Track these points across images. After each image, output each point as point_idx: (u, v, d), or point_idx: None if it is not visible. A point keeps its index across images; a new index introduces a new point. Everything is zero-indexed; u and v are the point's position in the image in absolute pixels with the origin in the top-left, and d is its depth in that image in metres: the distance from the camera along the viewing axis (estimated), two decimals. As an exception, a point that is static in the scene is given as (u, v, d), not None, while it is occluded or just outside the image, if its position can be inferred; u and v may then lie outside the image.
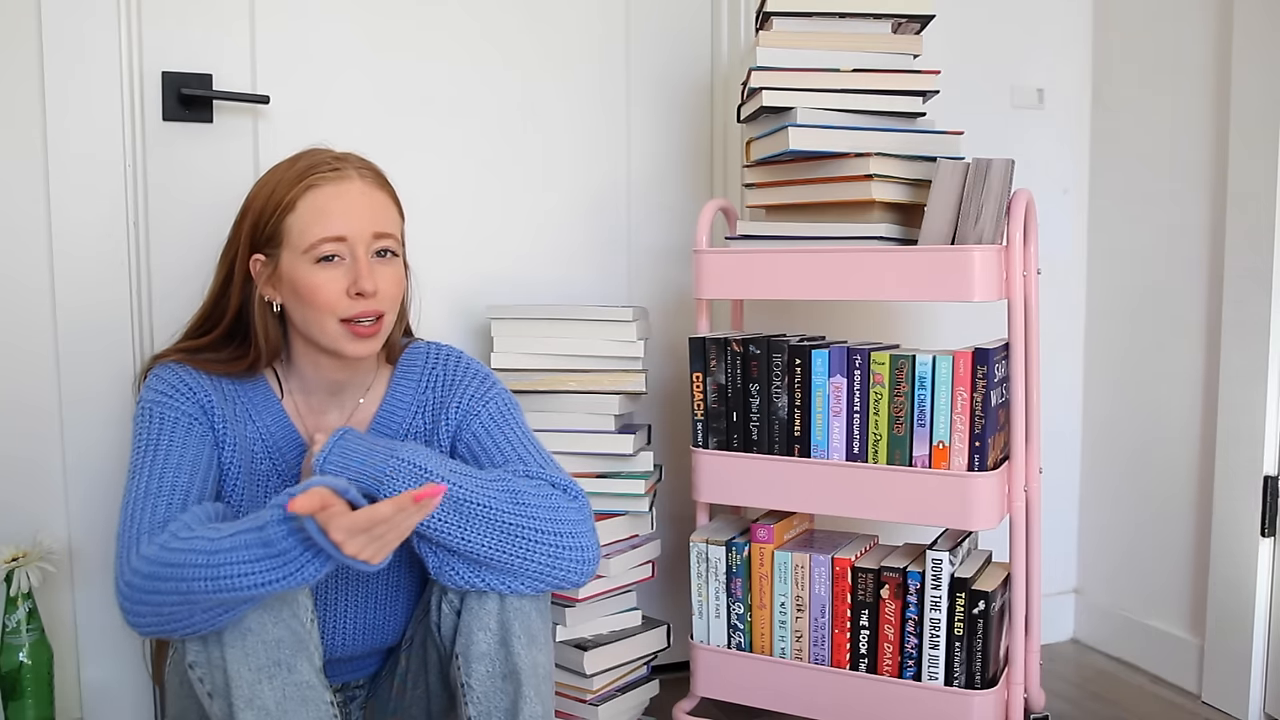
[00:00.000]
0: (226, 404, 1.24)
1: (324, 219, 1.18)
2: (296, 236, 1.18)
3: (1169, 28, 1.94)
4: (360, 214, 1.19)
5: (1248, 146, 1.75)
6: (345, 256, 1.19)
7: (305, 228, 1.18)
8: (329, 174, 1.19)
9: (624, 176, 1.94)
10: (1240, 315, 1.77)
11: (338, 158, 1.22)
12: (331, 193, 1.19)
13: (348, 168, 1.21)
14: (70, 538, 1.56)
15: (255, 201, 1.22)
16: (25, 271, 1.53)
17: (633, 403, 1.65)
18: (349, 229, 1.18)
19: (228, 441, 1.23)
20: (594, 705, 1.55)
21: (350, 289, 1.18)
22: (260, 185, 1.23)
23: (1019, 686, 1.55)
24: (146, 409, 1.20)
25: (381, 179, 1.25)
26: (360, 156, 1.25)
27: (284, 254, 1.20)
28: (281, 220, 1.19)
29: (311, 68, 1.70)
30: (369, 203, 1.20)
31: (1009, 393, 1.54)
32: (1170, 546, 1.97)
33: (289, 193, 1.19)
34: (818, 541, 1.65)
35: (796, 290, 1.54)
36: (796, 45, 1.54)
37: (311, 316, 1.19)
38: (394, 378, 1.32)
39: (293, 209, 1.18)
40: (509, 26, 1.83)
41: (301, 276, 1.18)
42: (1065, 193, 2.13)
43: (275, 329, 1.25)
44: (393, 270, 1.22)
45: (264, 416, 1.26)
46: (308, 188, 1.19)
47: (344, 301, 1.18)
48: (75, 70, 1.52)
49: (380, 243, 1.21)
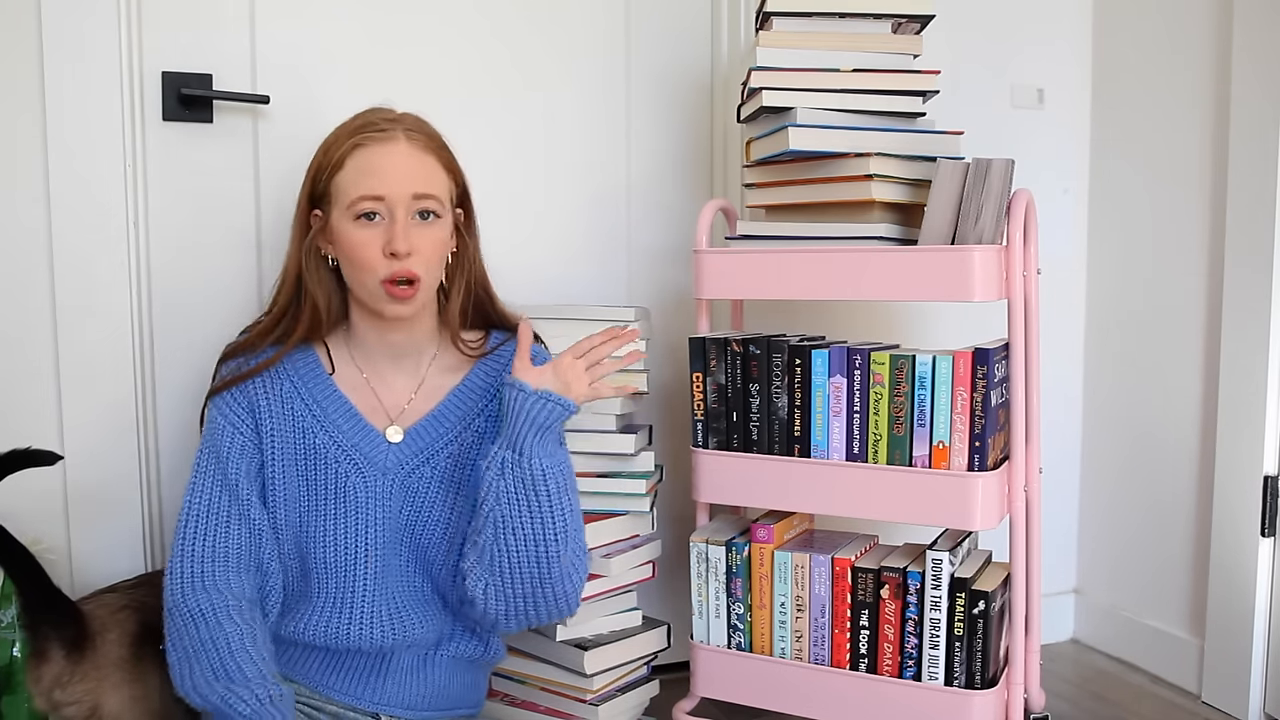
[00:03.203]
0: (274, 384, 1.29)
1: (365, 178, 1.21)
2: (342, 194, 1.22)
3: (1169, 28, 1.94)
4: (401, 175, 1.22)
5: (1248, 146, 1.75)
6: (384, 216, 1.22)
7: (349, 185, 1.22)
8: (376, 134, 1.23)
9: (624, 176, 1.94)
10: (1240, 315, 1.77)
11: (391, 119, 1.25)
12: (377, 152, 1.22)
13: (397, 129, 1.24)
14: (68, 534, 1.56)
15: (315, 159, 1.27)
16: (25, 271, 1.53)
17: (634, 403, 1.65)
18: (388, 189, 1.21)
19: (275, 426, 1.28)
20: (594, 705, 1.55)
21: (385, 248, 1.21)
22: (322, 144, 1.27)
23: (1019, 686, 1.55)
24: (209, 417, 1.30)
25: (433, 143, 1.27)
26: (417, 118, 1.28)
27: (333, 211, 1.24)
28: (332, 178, 1.24)
29: (311, 68, 1.70)
30: (413, 164, 1.23)
31: (1009, 393, 1.53)
32: (1170, 546, 1.97)
33: (339, 151, 1.23)
34: (818, 541, 1.65)
35: (796, 290, 1.54)
36: (796, 45, 1.54)
37: (354, 274, 1.24)
38: (480, 363, 1.36)
39: (342, 167, 1.23)
40: (508, 27, 1.83)
41: (345, 233, 1.23)
42: (1065, 193, 2.13)
43: (332, 288, 1.30)
44: (434, 233, 1.25)
45: (314, 391, 1.30)
46: (355, 146, 1.22)
47: (381, 261, 1.22)
48: (75, 70, 1.52)
49: (421, 204, 1.23)
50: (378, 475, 1.29)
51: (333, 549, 1.27)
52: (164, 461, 1.65)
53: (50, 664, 1.29)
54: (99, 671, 1.30)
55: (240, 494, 1.26)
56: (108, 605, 1.35)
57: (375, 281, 1.22)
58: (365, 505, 1.28)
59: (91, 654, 1.30)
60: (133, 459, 1.59)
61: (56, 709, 1.29)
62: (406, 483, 1.30)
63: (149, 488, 1.63)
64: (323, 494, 1.28)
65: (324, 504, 1.28)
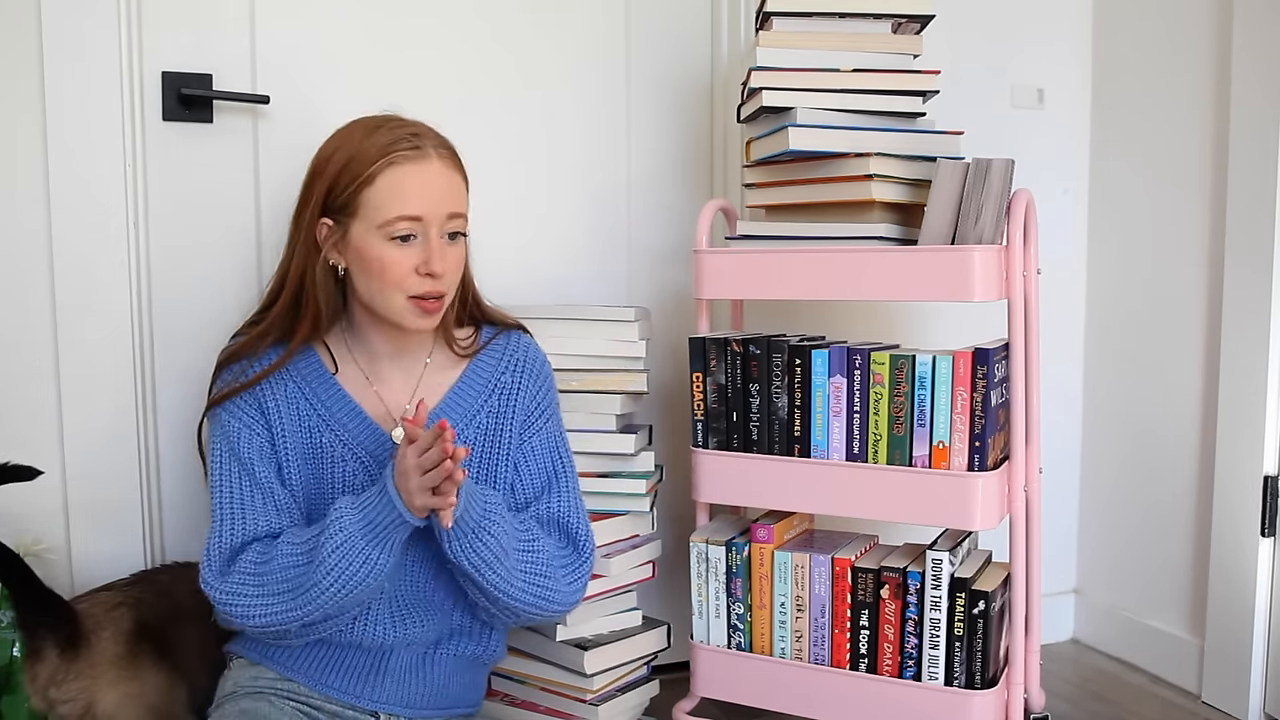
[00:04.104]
0: (279, 385, 1.29)
1: (402, 197, 1.20)
2: (373, 211, 1.21)
3: (1169, 28, 1.94)
4: (438, 196, 1.22)
5: (1248, 146, 1.75)
6: (419, 236, 1.22)
7: (383, 203, 1.20)
8: (409, 152, 1.22)
9: (624, 176, 1.94)
10: (1240, 315, 1.77)
11: (416, 134, 1.24)
12: (412, 171, 1.21)
13: (427, 145, 1.23)
14: (68, 535, 1.56)
15: (330, 166, 1.23)
16: (25, 271, 1.53)
17: (634, 403, 1.65)
18: (426, 209, 1.21)
19: (284, 426, 1.28)
20: (594, 705, 1.55)
21: (420, 268, 1.22)
22: (335, 149, 1.24)
23: (1019, 686, 1.55)
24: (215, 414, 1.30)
25: (456, 159, 1.28)
26: (435, 132, 1.27)
27: (355, 224, 1.22)
28: (359, 193, 1.21)
29: (311, 68, 1.70)
30: (446, 184, 1.23)
31: (1009, 393, 1.53)
32: (1170, 546, 1.97)
33: (370, 167, 1.21)
34: (818, 541, 1.65)
35: (796, 290, 1.54)
36: (796, 45, 1.54)
37: (377, 288, 1.23)
38: (475, 360, 1.36)
39: (371, 183, 1.21)
40: (508, 27, 1.83)
41: (373, 251, 1.22)
42: (1065, 193, 2.13)
43: (334, 293, 1.29)
44: (459, 252, 1.27)
45: (319, 391, 1.30)
46: (389, 164, 1.20)
47: (412, 279, 1.22)
48: (75, 70, 1.52)
49: (452, 224, 1.24)
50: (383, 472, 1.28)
51: None
52: (164, 461, 1.64)
53: (45, 663, 1.30)
54: (93, 669, 1.30)
55: (263, 483, 1.26)
56: (103, 603, 1.35)
57: (402, 298, 1.23)
58: None
59: (86, 652, 1.30)
60: (133, 459, 1.59)
61: (52, 707, 1.29)
62: None
63: (149, 487, 1.63)
64: (330, 493, 1.29)
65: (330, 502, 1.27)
